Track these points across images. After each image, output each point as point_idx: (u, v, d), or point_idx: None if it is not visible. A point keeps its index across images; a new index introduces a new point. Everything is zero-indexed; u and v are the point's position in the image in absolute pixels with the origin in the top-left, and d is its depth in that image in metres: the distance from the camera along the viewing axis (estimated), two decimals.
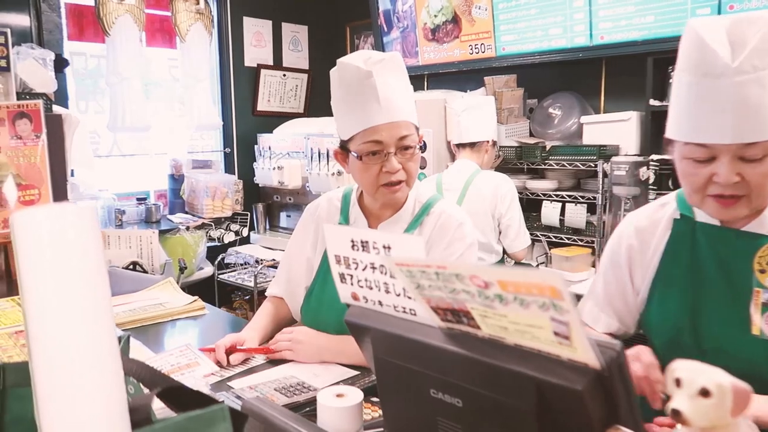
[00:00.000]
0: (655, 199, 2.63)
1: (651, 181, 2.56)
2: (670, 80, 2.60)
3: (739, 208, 1.02)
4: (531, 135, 3.15)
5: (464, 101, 2.82)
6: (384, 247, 0.85)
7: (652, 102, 2.64)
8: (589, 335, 0.63)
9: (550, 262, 2.77)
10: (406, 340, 0.81)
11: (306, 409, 1.13)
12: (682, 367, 0.55)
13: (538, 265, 2.83)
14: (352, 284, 0.91)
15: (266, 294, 1.63)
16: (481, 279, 0.65)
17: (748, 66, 0.94)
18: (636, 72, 2.71)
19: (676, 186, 2.89)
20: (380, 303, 0.87)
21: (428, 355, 0.79)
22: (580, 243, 2.81)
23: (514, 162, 2.99)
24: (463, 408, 0.76)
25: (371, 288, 0.88)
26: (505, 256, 2.69)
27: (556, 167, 2.89)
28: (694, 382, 0.53)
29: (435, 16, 3.44)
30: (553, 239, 2.89)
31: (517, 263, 2.69)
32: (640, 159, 2.49)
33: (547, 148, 2.92)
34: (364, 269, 0.89)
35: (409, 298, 0.82)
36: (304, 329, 1.44)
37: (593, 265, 2.70)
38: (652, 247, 1.18)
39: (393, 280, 0.84)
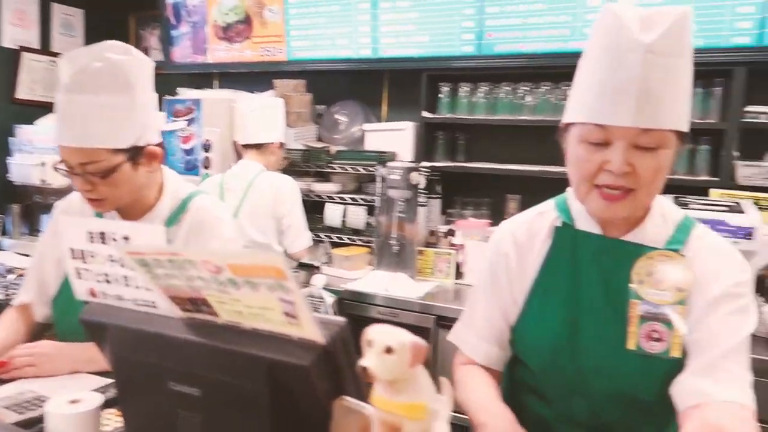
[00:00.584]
0: (425, 203, 2.92)
1: (422, 185, 2.81)
2: (440, 94, 2.90)
3: (624, 205, 0.98)
4: (319, 139, 3.25)
5: (252, 102, 2.80)
6: (123, 237, 0.81)
7: (425, 114, 2.91)
8: (314, 317, 0.67)
9: (331, 262, 2.88)
10: (144, 334, 0.78)
11: (41, 424, 1.02)
12: (373, 330, 0.62)
13: (320, 265, 2.92)
14: (89, 279, 0.85)
15: (12, 304, 1.44)
16: (213, 264, 0.66)
17: (658, 48, 0.91)
18: (413, 86, 2.96)
19: (447, 190, 3.15)
20: (120, 298, 0.83)
21: (167, 348, 0.77)
22: (359, 243, 2.97)
23: (301, 165, 3.06)
24: (201, 397, 0.75)
25: (110, 282, 0.83)
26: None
27: (340, 171, 3.02)
28: (381, 342, 0.60)
29: (226, 14, 3.37)
30: (336, 239, 3.01)
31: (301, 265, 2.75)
32: (412, 165, 2.72)
33: (332, 152, 3.04)
34: (102, 263, 0.83)
35: (149, 290, 0.79)
36: (49, 342, 1.30)
37: (371, 263, 2.87)
38: (532, 257, 1.12)
39: (133, 273, 0.80)
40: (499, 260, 1.15)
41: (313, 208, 3.07)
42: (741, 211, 2.05)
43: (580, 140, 0.98)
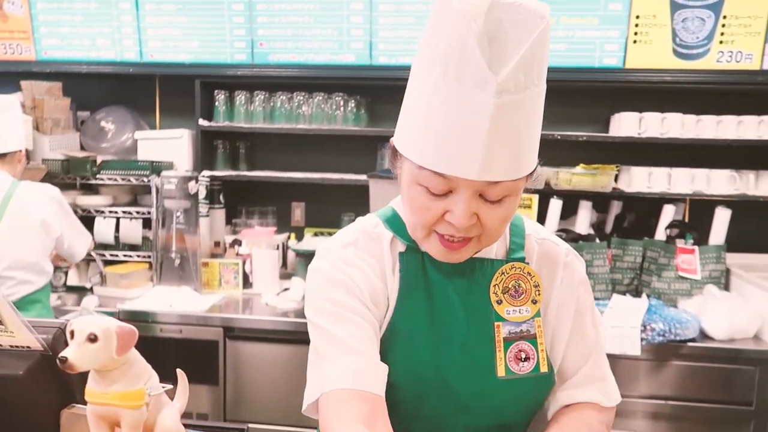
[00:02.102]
0: (207, 213, 2.84)
1: (203, 195, 2.73)
2: (217, 103, 2.85)
3: (467, 250, 0.87)
4: (82, 148, 2.96)
5: None
6: None
7: (202, 122, 2.83)
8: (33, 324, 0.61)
9: (105, 282, 2.64)
10: None
11: None
12: (76, 321, 0.60)
13: (92, 287, 2.65)
14: None
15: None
16: None
17: (512, 84, 0.73)
18: (187, 92, 2.85)
19: (230, 199, 3.10)
20: None
21: None
22: (137, 259, 2.77)
23: (62, 176, 2.75)
24: None
25: None
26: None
27: (109, 182, 2.78)
28: (83, 331, 0.58)
29: None
30: (109, 257, 2.77)
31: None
32: (189, 174, 2.63)
33: (98, 162, 2.79)
34: None
35: None
36: None
37: (151, 279, 2.70)
38: (381, 282, 0.93)
39: None
40: (351, 282, 0.90)
41: (81, 223, 2.77)
42: None
43: (415, 182, 0.82)
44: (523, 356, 0.93)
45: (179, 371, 0.69)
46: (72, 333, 0.57)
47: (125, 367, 0.60)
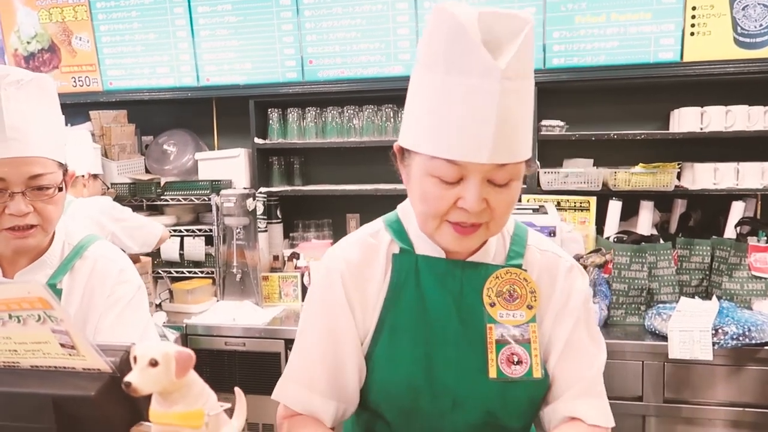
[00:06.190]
0: (265, 229, 2.92)
1: (260, 211, 2.81)
2: (270, 121, 2.93)
3: (476, 237, 0.91)
4: (147, 171, 3.11)
5: None
6: None
7: (257, 140, 2.92)
8: (94, 344, 0.65)
9: (172, 299, 2.76)
10: None
11: None
12: (138, 346, 0.63)
13: (160, 303, 2.78)
14: None
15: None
16: None
17: (512, 71, 0.80)
18: (242, 112, 2.95)
19: (287, 214, 3.17)
20: None
21: None
22: (201, 275, 2.88)
23: (130, 199, 2.90)
24: None
25: None
26: None
27: (173, 203, 2.91)
28: (144, 356, 0.61)
29: (28, 42, 3.11)
30: (175, 274, 2.89)
31: None
32: (247, 191, 2.71)
33: (162, 184, 2.92)
34: None
35: None
36: None
37: (215, 294, 2.80)
38: (373, 289, 0.98)
39: None
40: (334, 296, 0.98)
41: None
42: (545, 212, 2.32)
43: (427, 174, 0.87)
44: (516, 359, 0.95)
45: (237, 390, 0.72)
46: (135, 358, 0.61)
47: (185, 389, 0.63)
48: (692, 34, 2.46)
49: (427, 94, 0.86)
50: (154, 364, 0.60)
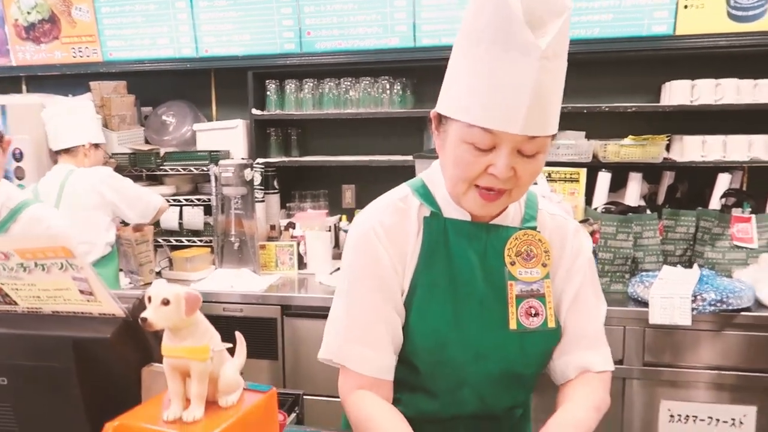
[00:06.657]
0: (263, 199, 2.98)
1: (258, 181, 2.87)
2: (268, 92, 2.97)
3: (499, 204, 0.99)
4: (146, 142, 3.16)
5: (55, 107, 2.66)
6: None
7: (255, 111, 2.96)
8: (113, 295, 0.72)
9: (172, 266, 2.83)
10: None
11: None
12: (152, 287, 0.71)
13: (160, 271, 2.85)
14: None
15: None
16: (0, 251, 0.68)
17: (551, 51, 0.87)
18: (240, 84, 2.99)
19: (284, 185, 3.22)
20: None
21: None
22: (200, 243, 2.95)
23: (129, 169, 2.96)
24: (8, 386, 0.77)
25: None
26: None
27: (172, 173, 2.97)
28: (158, 296, 0.69)
29: (28, 13, 3.12)
30: (174, 243, 2.96)
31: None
32: (244, 162, 2.77)
33: (162, 154, 2.98)
34: None
35: None
36: None
37: (214, 262, 2.87)
38: (408, 249, 1.06)
39: None
40: (378, 253, 1.04)
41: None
42: (536, 183, 2.38)
43: (462, 140, 0.94)
44: (533, 312, 1.05)
45: (238, 334, 0.80)
46: (149, 298, 0.69)
47: (193, 327, 0.71)
48: (686, 6, 2.49)
49: (469, 66, 0.92)
50: (166, 303, 0.68)
